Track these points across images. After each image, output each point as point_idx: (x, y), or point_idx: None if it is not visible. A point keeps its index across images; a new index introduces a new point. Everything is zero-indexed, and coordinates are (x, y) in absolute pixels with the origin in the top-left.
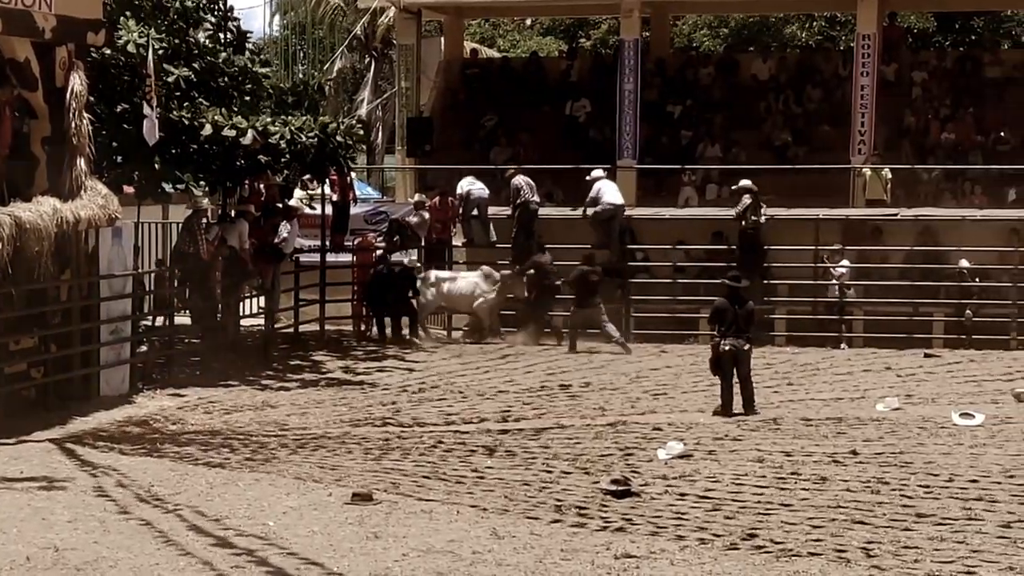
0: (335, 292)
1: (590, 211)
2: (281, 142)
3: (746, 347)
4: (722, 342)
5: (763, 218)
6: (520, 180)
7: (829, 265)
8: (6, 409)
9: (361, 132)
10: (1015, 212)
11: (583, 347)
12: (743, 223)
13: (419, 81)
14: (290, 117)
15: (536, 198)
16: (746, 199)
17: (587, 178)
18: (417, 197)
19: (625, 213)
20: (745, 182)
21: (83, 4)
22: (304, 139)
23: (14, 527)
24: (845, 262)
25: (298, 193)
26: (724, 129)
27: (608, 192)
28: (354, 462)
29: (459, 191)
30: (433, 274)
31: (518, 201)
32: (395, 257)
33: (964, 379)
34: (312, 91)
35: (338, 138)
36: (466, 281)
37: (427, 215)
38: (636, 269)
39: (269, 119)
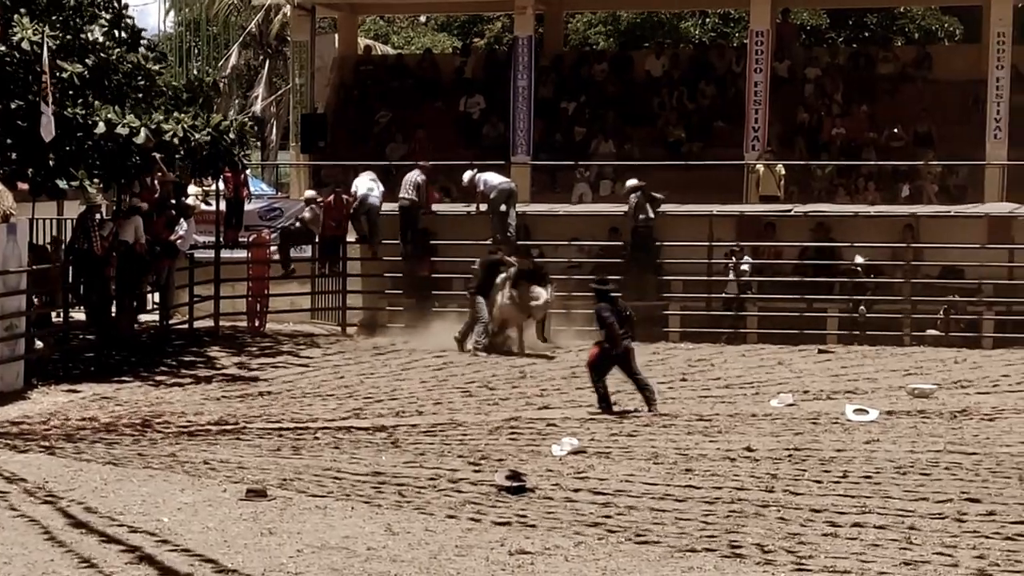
0: (230, 288)
1: (484, 206)
2: (174, 139)
3: (632, 345)
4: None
5: (652, 214)
6: (407, 176)
7: (733, 261)
8: None
9: (254, 130)
10: (908, 208)
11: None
12: (635, 222)
13: (313, 78)
14: (183, 115)
15: (408, 193)
16: (633, 198)
17: (464, 184)
18: (308, 192)
19: (517, 199)
20: (632, 181)
21: None
22: (197, 137)
23: None
24: (747, 258)
25: (192, 189)
26: (618, 125)
27: (492, 178)
28: (248, 458)
29: (354, 189)
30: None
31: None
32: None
33: (858, 375)
34: (206, 88)
35: (231, 135)
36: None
37: (318, 210)
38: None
39: (162, 117)
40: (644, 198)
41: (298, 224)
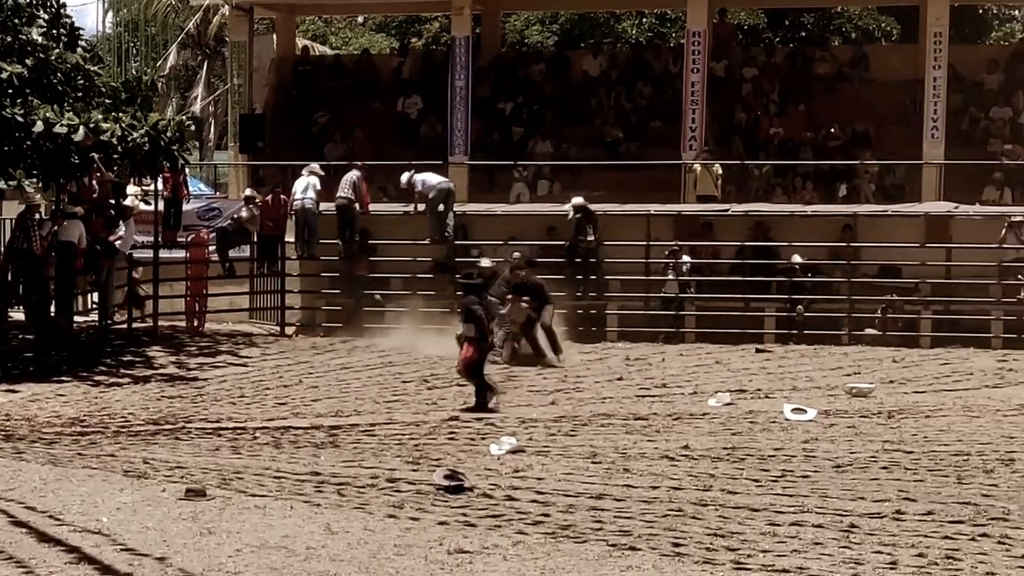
0: (168, 288)
1: (423, 202)
2: (112, 139)
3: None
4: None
5: (592, 235)
6: (345, 176)
7: (673, 261)
8: None
9: (192, 129)
10: (846, 208)
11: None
12: (574, 241)
13: (251, 78)
14: (122, 114)
15: (345, 193)
16: (573, 218)
17: (402, 185)
18: (248, 192)
19: (455, 199)
20: (576, 200)
21: None
22: (135, 136)
23: None
24: (686, 258)
25: (132, 189)
26: (555, 125)
27: (430, 178)
28: (187, 458)
29: (294, 190)
30: None
31: None
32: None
33: (796, 374)
34: (145, 88)
35: (168, 134)
36: None
37: (256, 210)
38: (468, 265)
39: (100, 116)
40: (585, 219)
41: (232, 223)
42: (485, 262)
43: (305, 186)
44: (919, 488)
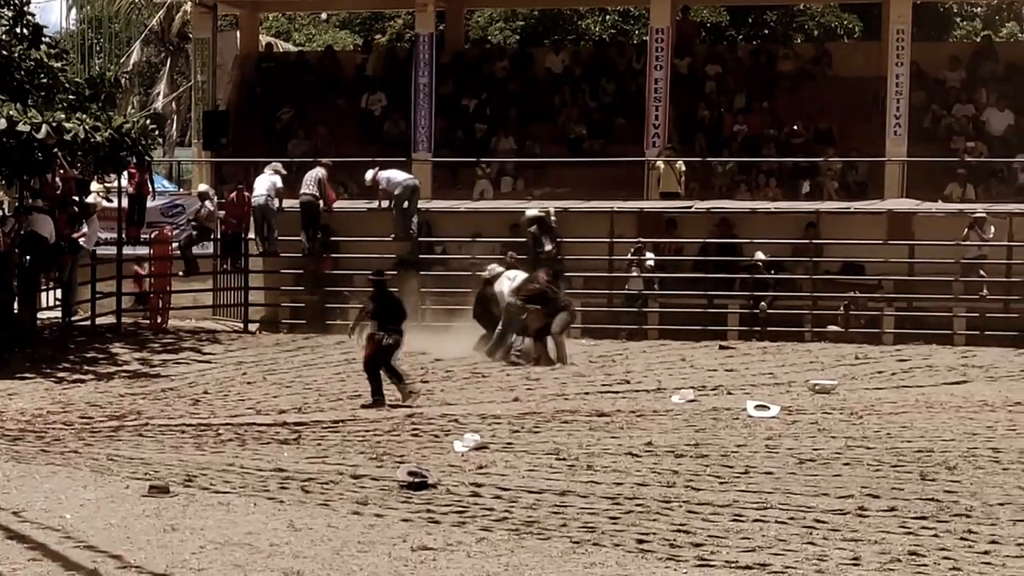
0: (132, 285)
1: (387, 201)
2: (76, 139)
3: (400, 339)
4: (384, 337)
5: (551, 246)
6: (308, 173)
7: (637, 258)
8: None
9: (156, 133)
10: (809, 204)
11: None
12: (534, 255)
13: (215, 75)
14: (85, 114)
15: (310, 189)
16: (530, 231)
17: (367, 182)
18: (202, 187)
19: (420, 196)
20: (530, 212)
21: None
22: (98, 138)
23: None
24: (650, 254)
25: (95, 186)
26: (519, 122)
27: (396, 175)
28: (151, 454)
29: (255, 187)
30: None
31: None
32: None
33: (759, 371)
34: (108, 84)
35: (132, 136)
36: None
37: (211, 206)
38: (432, 262)
39: (63, 115)
40: (540, 230)
41: (194, 224)
42: (496, 267)
43: (267, 184)
44: (882, 484)
